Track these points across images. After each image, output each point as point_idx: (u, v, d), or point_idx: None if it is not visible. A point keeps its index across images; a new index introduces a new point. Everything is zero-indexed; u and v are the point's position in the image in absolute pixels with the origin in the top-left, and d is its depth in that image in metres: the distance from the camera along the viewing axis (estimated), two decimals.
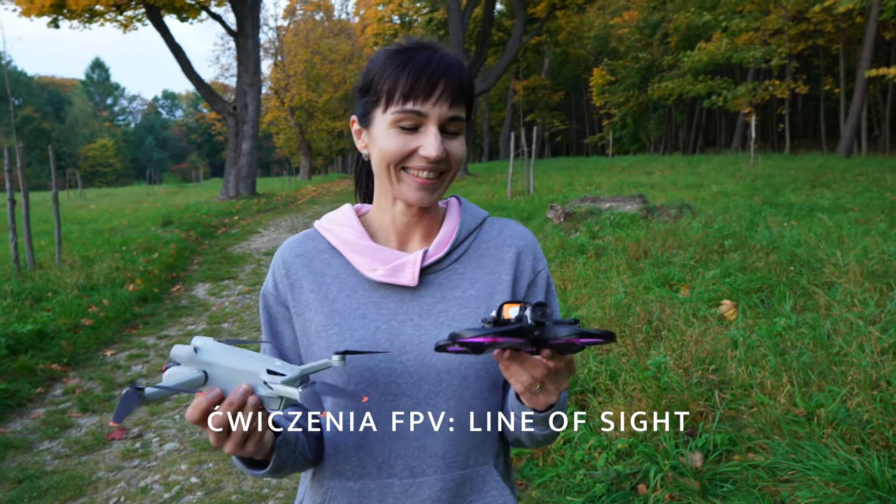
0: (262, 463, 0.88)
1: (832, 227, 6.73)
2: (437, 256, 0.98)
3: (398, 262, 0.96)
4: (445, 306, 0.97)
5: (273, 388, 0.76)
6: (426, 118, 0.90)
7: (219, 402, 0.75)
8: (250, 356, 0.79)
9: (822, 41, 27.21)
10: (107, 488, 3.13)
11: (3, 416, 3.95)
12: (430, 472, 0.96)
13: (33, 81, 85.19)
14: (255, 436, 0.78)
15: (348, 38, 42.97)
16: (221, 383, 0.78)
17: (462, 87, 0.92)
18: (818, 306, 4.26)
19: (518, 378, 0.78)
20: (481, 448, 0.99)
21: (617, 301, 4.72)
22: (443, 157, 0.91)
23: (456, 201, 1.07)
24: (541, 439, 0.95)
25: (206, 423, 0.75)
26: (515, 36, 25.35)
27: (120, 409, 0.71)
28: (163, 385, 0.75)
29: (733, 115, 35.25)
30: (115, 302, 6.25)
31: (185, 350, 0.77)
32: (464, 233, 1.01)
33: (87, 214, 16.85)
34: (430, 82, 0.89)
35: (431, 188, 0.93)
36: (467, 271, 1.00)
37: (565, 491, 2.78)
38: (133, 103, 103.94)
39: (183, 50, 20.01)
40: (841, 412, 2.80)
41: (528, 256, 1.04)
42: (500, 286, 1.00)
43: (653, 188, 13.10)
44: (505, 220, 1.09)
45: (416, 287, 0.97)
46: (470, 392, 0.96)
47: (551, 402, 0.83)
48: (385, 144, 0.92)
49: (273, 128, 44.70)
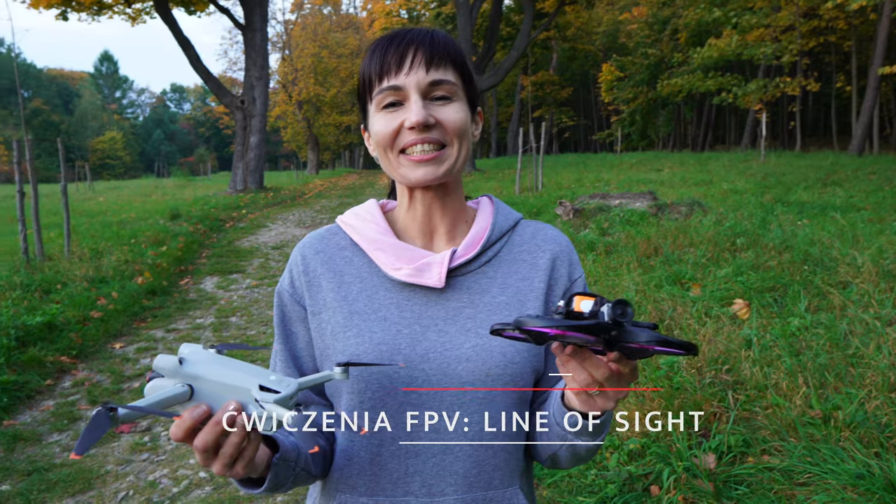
0: (259, 480, 0.81)
1: (845, 225, 6.66)
2: (466, 257, 0.92)
3: (424, 262, 0.90)
4: (473, 311, 0.90)
5: (265, 406, 0.68)
6: (404, 90, 0.86)
7: (205, 421, 0.68)
8: (243, 368, 0.71)
9: (834, 38, 26.92)
10: (115, 482, 3.12)
11: (13, 408, 3.96)
12: (449, 492, 0.89)
13: (42, 74, 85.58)
14: (245, 457, 0.71)
15: (356, 33, 42.92)
16: (209, 399, 0.70)
17: (436, 48, 0.87)
18: (833, 306, 4.20)
19: (576, 376, 0.71)
20: (505, 468, 0.92)
21: (628, 299, 4.67)
22: (430, 123, 0.85)
23: (488, 200, 1.01)
24: (584, 453, 0.87)
25: (192, 443, 0.68)
26: (524, 31, 25.22)
27: (86, 435, 0.60)
28: (139, 404, 0.65)
29: (743, 112, 35.02)
30: (124, 295, 6.25)
31: (169, 361, 0.70)
32: (496, 234, 0.95)
33: (95, 207, 16.91)
34: (398, 53, 0.86)
35: (433, 163, 0.87)
36: (498, 275, 0.94)
37: (577, 491, 2.75)
38: (141, 96, 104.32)
39: (191, 43, 20.00)
40: (859, 415, 2.76)
41: (564, 263, 0.98)
42: (532, 293, 0.94)
43: (662, 185, 13.02)
44: (539, 223, 1.03)
45: (442, 289, 0.91)
46: (496, 406, 0.89)
47: (607, 409, 0.75)
48: (376, 130, 0.88)
49: (281, 122, 44.73)
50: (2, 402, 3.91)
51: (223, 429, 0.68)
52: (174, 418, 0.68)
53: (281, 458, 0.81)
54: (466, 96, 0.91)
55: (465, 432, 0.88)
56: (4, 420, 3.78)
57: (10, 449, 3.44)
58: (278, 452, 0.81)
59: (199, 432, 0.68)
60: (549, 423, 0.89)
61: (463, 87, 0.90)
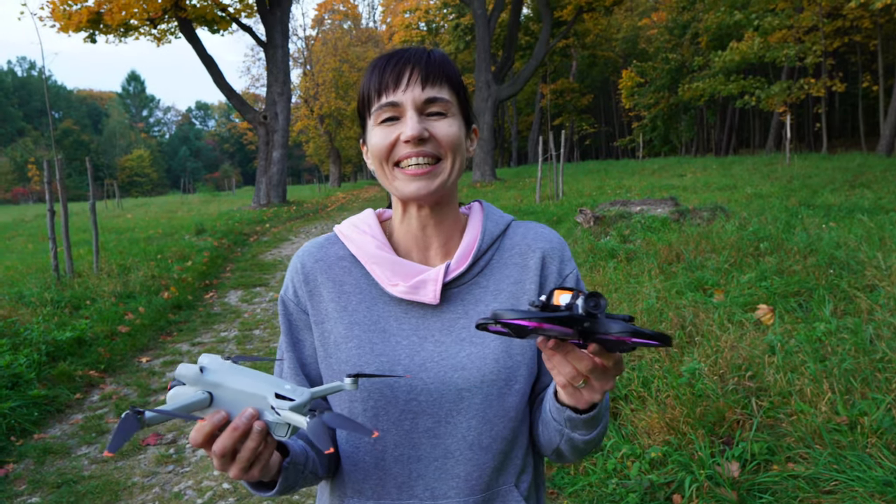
0: (270, 484, 0.85)
1: (873, 228, 6.52)
2: (459, 271, 0.95)
3: (419, 279, 0.93)
4: (467, 322, 0.93)
5: (280, 413, 0.72)
6: (401, 106, 0.89)
7: (224, 426, 0.72)
8: (259, 377, 0.75)
9: (859, 37, 26.46)
10: (141, 493, 3.18)
11: (44, 422, 4.05)
12: (451, 495, 0.92)
13: (72, 95, 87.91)
14: (261, 461, 0.75)
15: (375, 46, 43.36)
16: (227, 406, 0.74)
17: (431, 67, 0.90)
18: (860, 310, 4.12)
19: (560, 370, 0.73)
20: (503, 469, 0.95)
21: (649, 306, 4.64)
22: (425, 137, 0.88)
23: (479, 206, 1.03)
24: (582, 446, 0.90)
25: (210, 448, 0.72)
26: (542, 39, 25.25)
27: (117, 435, 0.65)
28: (164, 409, 0.70)
29: (767, 114, 34.54)
30: (151, 309, 6.37)
31: (190, 369, 0.74)
32: (486, 242, 0.98)
33: (123, 224, 17.27)
34: (395, 71, 0.89)
35: (427, 177, 0.89)
36: (490, 284, 0.97)
37: (597, 501, 2.73)
38: (167, 114, 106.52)
39: (215, 61, 20.42)
40: (886, 421, 2.70)
41: (554, 260, 0.99)
42: (524, 296, 0.96)
43: (685, 190, 12.89)
44: (530, 223, 1.04)
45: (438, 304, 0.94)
46: (493, 411, 0.92)
47: (594, 401, 0.78)
48: (373, 144, 0.91)
49: (303, 136, 45.33)
50: (33, 417, 4.01)
51: (241, 434, 0.71)
52: (198, 420, 0.72)
53: (291, 462, 0.85)
54: (461, 113, 0.94)
55: (465, 437, 0.91)
56: (35, 434, 3.87)
57: (40, 462, 3.52)
58: (289, 457, 0.85)
59: (218, 438, 0.72)
60: (546, 419, 0.92)
61: (458, 104, 0.93)
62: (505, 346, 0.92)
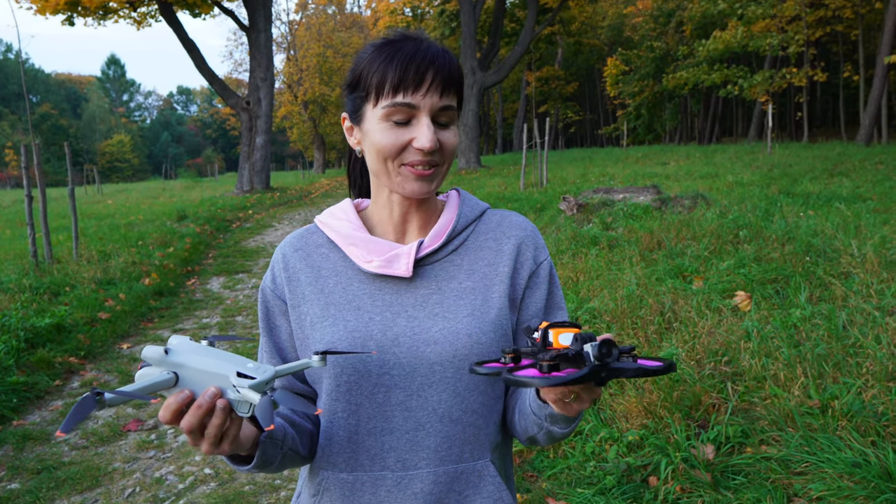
0: (248, 458, 0.88)
1: (850, 216, 6.63)
2: (433, 247, 0.97)
3: (393, 254, 0.95)
4: (441, 297, 0.96)
5: (240, 391, 0.75)
6: (417, 110, 0.89)
7: (189, 404, 0.75)
8: (224, 357, 0.77)
9: (841, 27, 26.68)
10: (122, 479, 3.18)
11: (23, 409, 4.02)
12: (422, 466, 0.95)
13: (50, 79, 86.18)
14: (229, 436, 0.78)
15: (360, 32, 42.94)
16: (192, 385, 0.76)
17: (451, 76, 0.91)
18: (834, 297, 4.20)
19: (554, 392, 0.75)
20: (475, 442, 0.97)
21: (629, 293, 4.69)
22: (436, 149, 0.91)
23: (455, 194, 1.06)
24: (559, 436, 0.92)
25: (178, 424, 0.75)
26: (528, 27, 25.17)
27: (72, 416, 0.66)
28: (124, 390, 0.72)
29: (750, 104, 34.81)
30: (132, 296, 6.32)
31: (155, 351, 0.76)
32: (461, 224, 1.00)
33: (103, 210, 17.04)
34: (418, 73, 0.88)
35: (427, 179, 0.92)
36: (464, 262, 0.99)
37: (576, 483, 2.77)
38: (148, 99, 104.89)
39: (196, 46, 20.11)
40: (856, 404, 2.77)
41: (529, 248, 1.02)
42: (497, 277, 0.99)
43: (667, 179, 12.98)
44: (505, 211, 1.07)
45: (411, 278, 0.96)
46: (464, 385, 0.94)
47: (581, 409, 0.79)
48: (379, 139, 0.91)
49: (287, 122, 44.83)
50: (12, 403, 3.97)
51: (204, 412, 0.74)
52: (153, 401, 0.74)
53: (268, 437, 0.87)
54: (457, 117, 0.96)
55: (436, 410, 0.94)
56: (14, 420, 3.85)
57: (19, 448, 3.50)
58: (265, 432, 0.87)
59: (185, 415, 0.75)
60: (524, 411, 0.94)
61: (459, 110, 0.95)
62: (478, 322, 0.94)
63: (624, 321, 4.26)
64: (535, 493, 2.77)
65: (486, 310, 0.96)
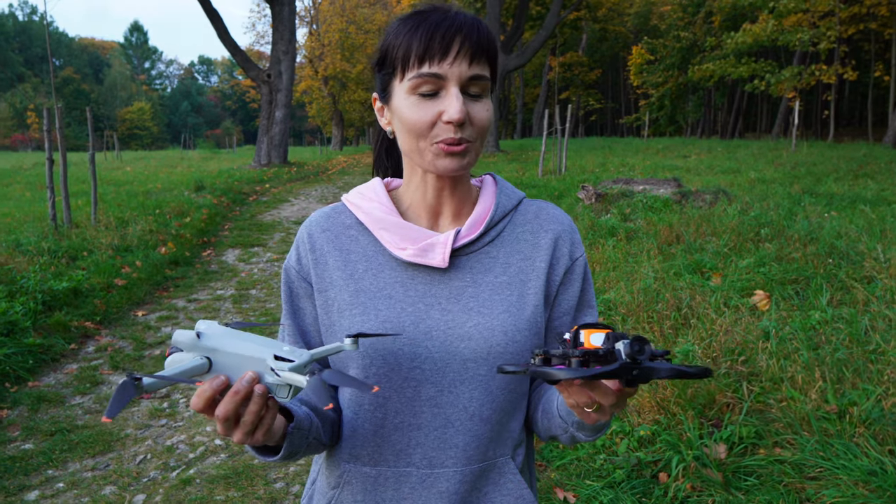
0: (274, 449, 0.85)
1: (875, 219, 6.51)
2: (469, 238, 0.93)
3: (428, 242, 0.91)
4: (476, 291, 0.92)
5: (280, 375, 0.71)
6: (445, 80, 0.83)
7: (224, 391, 0.71)
8: (257, 340, 0.74)
9: (875, 25, 26.05)
10: (134, 445, 3.21)
11: (38, 370, 4.08)
12: (449, 465, 0.92)
13: (74, 43, 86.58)
14: (265, 425, 0.74)
15: (384, 9, 42.56)
16: (227, 370, 0.73)
17: (480, 43, 0.85)
18: (856, 301, 4.13)
19: (577, 398, 0.71)
20: (500, 441, 0.95)
21: (646, 286, 4.64)
22: (465, 120, 0.84)
23: (491, 179, 1.01)
24: (584, 441, 0.90)
25: (212, 413, 0.71)
26: (553, 11, 24.82)
27: (115, 401, 0.64)
28: (162, 374, 0.69)
29: (776, 99, 34.20)
30: (148, 264, 6.37)
31: (187, 335, 0.72)
32: (499, 214, 0.96)
33: (122, 176, 17.16)
34: (444, 40, 0.83)
35: (459, 155, 0.86)
36: (500, 255, 0.95)
37: (585, 475, 2.76)
38: (170, 68, 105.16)
39: (219, 15, 20.04)
40: (875, 412, 2.72)
41: (566, 242, 0.98)
42: (533, 273, 0.95)
43: (688, 172, 12.82)
44: (542, 202, 1.03)
45: (445, 269, 0.92)
46: (496, 383, 0.91)
47: (603, 420, 0.76)
48: (408, 117, 0.86)
49: (306, 97, 44.76)
50: (28, 364, 4.03)
51: (242, 398, 0.70)
52: (196, 384, 0.71)
53: (296, 427, 0.84)
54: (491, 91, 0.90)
55: (466, 408, 0.91)
56: (30, 381, 3.90)
57: (34, 409, 3.55)
58: (293, 422, 0.84)
59: (220, 402, 0.71)
60: (551, 413, 0.92)
61: (491, 82, 0.89)
62: (514, 319, 0.91)
63: (640, 314, 4.22)
64: (544, 483, 2.76)
65: (522, 306, 0.92)
